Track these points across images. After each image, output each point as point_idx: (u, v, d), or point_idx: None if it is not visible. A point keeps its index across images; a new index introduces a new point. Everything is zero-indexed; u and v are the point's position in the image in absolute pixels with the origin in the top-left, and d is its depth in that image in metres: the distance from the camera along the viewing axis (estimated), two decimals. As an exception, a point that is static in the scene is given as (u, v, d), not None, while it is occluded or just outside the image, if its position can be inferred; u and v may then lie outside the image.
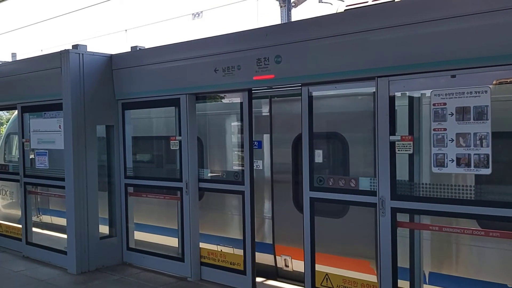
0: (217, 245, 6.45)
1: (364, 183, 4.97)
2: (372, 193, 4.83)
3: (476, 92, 4.17)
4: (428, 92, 4.51)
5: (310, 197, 5.29)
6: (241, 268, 5.96)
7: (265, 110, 6.64)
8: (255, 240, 5.99)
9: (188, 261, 6.41)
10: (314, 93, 5.28)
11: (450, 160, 4.29)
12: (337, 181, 5.20)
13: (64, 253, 6.97)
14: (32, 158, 7.73)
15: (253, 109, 5.86)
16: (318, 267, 5.33)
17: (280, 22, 13.77)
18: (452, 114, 4.28)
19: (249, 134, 5.80)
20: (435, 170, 4.38)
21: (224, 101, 6.68)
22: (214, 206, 6.95)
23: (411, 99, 4.78)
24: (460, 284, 4.73)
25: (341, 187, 5.14)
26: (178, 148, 6.44)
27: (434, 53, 4.31)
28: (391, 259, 4.68)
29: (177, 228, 6.65)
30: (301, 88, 5.33)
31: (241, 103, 5.87)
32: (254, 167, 6.03)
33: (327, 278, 5.31)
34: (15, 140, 9.53)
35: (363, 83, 4.99)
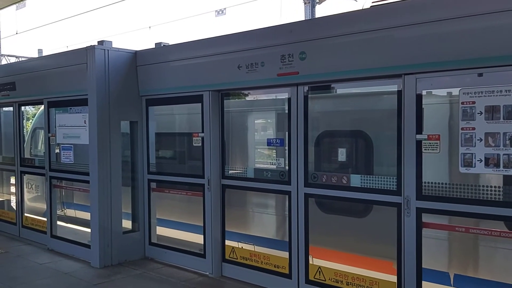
0: (238, 242, 6.44)
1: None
2: (397, 192, 4.76)
3: (506, 91, 4.06)
4: (455, 91, 4.41)
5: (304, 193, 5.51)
6: (286, 271, 5.77)
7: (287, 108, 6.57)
8: (276, 238, 5.92)
9: (209, 258, 6.43)
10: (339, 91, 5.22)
11: (478, 160, 4.19)
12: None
13: (88, 246, 7.08)
14: (57, 153, 7.86)
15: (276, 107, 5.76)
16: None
17: (304, 19, 13.69)
18: (481, 113, 4.18)
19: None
20: (463, 170, 4.29)
21: (270, 97, 6.45)
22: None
23: None
24: (487, 287, 4.63)
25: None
26: (200, 144, 6.45)
27: (463, 51, 4.21)
28: (416, 260, 4.61)
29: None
30: (296, 87, 5.43)
31: (289, 99, 5.62)
32: (276, 165, 5.96)
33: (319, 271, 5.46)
34: (41, 134, 9.68)
35: (387, 81, 4.92)
